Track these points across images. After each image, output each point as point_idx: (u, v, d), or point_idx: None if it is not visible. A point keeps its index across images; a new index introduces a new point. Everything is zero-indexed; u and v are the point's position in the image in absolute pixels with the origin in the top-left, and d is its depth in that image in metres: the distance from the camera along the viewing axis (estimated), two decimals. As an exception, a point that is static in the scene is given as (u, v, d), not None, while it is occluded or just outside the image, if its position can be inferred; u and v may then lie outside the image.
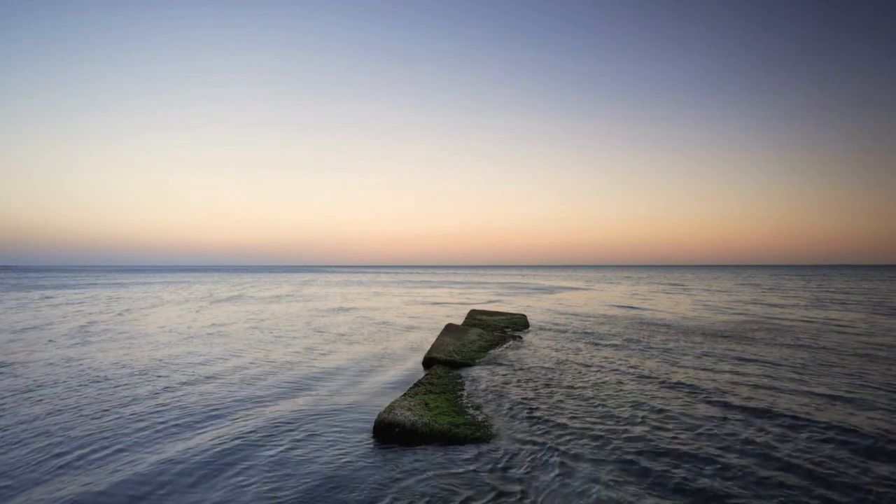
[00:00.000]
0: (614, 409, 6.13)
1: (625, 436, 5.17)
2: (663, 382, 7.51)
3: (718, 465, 4.42)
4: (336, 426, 5.52)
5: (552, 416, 5.84)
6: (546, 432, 5.27)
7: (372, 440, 5.07)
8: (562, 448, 4.82)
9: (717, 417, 5.80)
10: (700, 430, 5.35)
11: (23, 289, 35.11)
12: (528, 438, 5.08)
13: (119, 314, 18.00)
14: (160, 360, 9.26)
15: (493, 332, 12.37)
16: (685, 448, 4.83)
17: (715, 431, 5.31)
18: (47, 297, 26.33)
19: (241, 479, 4.18)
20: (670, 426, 5.48)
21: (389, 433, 5.10)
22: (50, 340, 11.60)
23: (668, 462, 4.50)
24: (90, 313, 18.19)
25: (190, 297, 28.18)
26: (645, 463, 4.48)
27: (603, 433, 5.25)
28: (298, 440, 5.07)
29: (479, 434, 5.13)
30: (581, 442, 4.99)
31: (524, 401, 6.48)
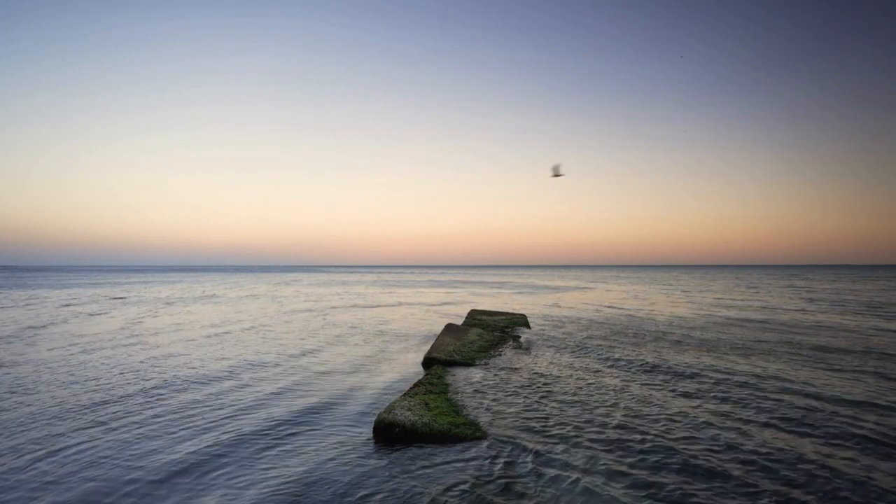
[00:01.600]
0: (611, 409, 6.14)
1: (622, 438, 5.17)
2: (661, 386, 7.53)
3: (710, 472, 4.43)
4: (336, 427, 5.52)
5: (551, 416, 5.84)
6: (545, 432, 5.27)
7: (372, 440, 5.07)
8: (560, 448, 4.82)
9: (708, 423, 5.80)
10: (693, 437, 5.35)
11: (11, 288, 35.07)
12: (528, 438, 5.08)
13: (93, 314, 17.99)
14: (154, 359, 9.26)
15: (493, 332, 12.37)
16: (679, 454, 4.84)
17: (708, 440, 5.32)
18: (34, 297, 26.30)
19: (240, 480, 4.18)
20: (666, 431, 5.49)
21: (389, 433, 5.10)
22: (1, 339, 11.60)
23: (662, 466, 4.51)
24: (67, 313, 18.17)
25: (181, 296, 28.15)
26: (642, 466, 4.49)
27: (600, 434, 5.25)
28: (298, 441, 5.07)
29: (479, 434, 5.13)
30: (579, 442, 4.99)
31: (524, 401, 6.48)
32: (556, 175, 15.59)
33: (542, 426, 5.47)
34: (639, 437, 5.14)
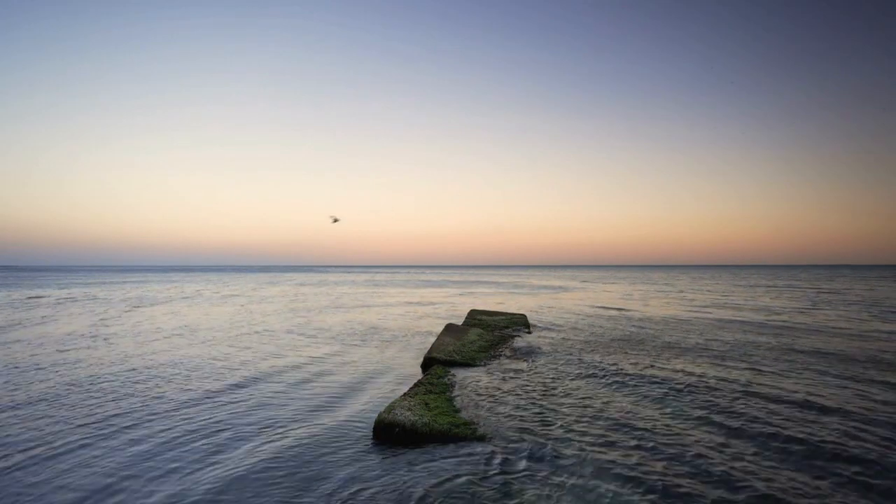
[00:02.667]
0: (610, 412, 6.14)
1: (620, 441, 5.18)
2: (659, 389, 7.53)
3: (710, 476, 4.43)
4: (335, 427, 5.52)
5: (551, 416, 5.85)
6: (545, 433, 5.27)
7: (372, 440, 5.07)
8: (559, 449, 4.82)
9: (707, 428, 5.81)
10: (691, 442, 5.36)
11: (6, 288, 35.05)
12: (527, 439, 5.09)
13: (73, 314, 17.98)
14: (139, 356, 9.25)
15: (493, 332, 12.37)
16: (676, 457, 4.84)
17: (705, 443, 5.32)
18: (19, 297, 26.28)
19: (239, 480, 4.18)
20: (664, 436, 5.49)
21: (389, 433, 5.10)
22: None
23: (661, 468, 4.51)
24: (43, 314, 18.17)
25: (173, 296, 28.15)
26: (640, 470, 4.49)
27: (599, 436, 5.26)
28: (297, 442, 5.07)
29: (479, 434, 5.13)
30: (578, 444, 5.00)
31: (523, 401, 6.48)
32: (335, 221, 19.28)
33: (542, 427, 5.47)
34: (637, 441, 5.14)
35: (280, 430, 5.37)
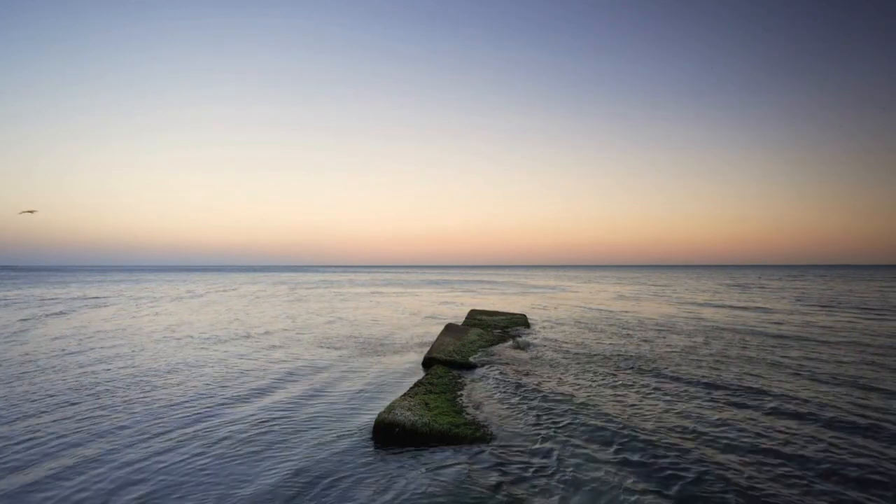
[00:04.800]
0: (609, 412, 6.13)
1: (620, 441, 5.16)
2: (657, 390, 7.52)
3: (713, 473, 4.42)
4: (335, 427, 5.50)
5: (550, 416, 5.83)
6: (545, 434, 5.26)
7: (372, 440, 5.05)
8: (559, 451, 4.81)
9: (707, 430, 5.80)
10: (690, 447, 5.34)
11: None
12: (528, 439, 5.08)
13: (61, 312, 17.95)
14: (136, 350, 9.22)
15: (493, 332, 12.36)
16: (678, 459, 4.83)
17: (705, 446, 5.31)
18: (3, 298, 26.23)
19: (241, 481, 4.16)
20: (667, 435, 5.48)
21: (389, 433, 5.08)
22: None
23: (662, 471, 4.50)
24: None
25: (163, 295, 28.12)
26: (640, 467, 4.48)
27: (598, 436, 5.24)
28: (297, 442, 5.05)
29: (479, 434, 5.12)
30: (577, 444, 4.98)
31: (523, 402, 6.47)
32: (30, 212, 20.43)
33: (542, 428, 5.45)
34: (638, 444, 5.13)
35: (279, 430, 5.34)
